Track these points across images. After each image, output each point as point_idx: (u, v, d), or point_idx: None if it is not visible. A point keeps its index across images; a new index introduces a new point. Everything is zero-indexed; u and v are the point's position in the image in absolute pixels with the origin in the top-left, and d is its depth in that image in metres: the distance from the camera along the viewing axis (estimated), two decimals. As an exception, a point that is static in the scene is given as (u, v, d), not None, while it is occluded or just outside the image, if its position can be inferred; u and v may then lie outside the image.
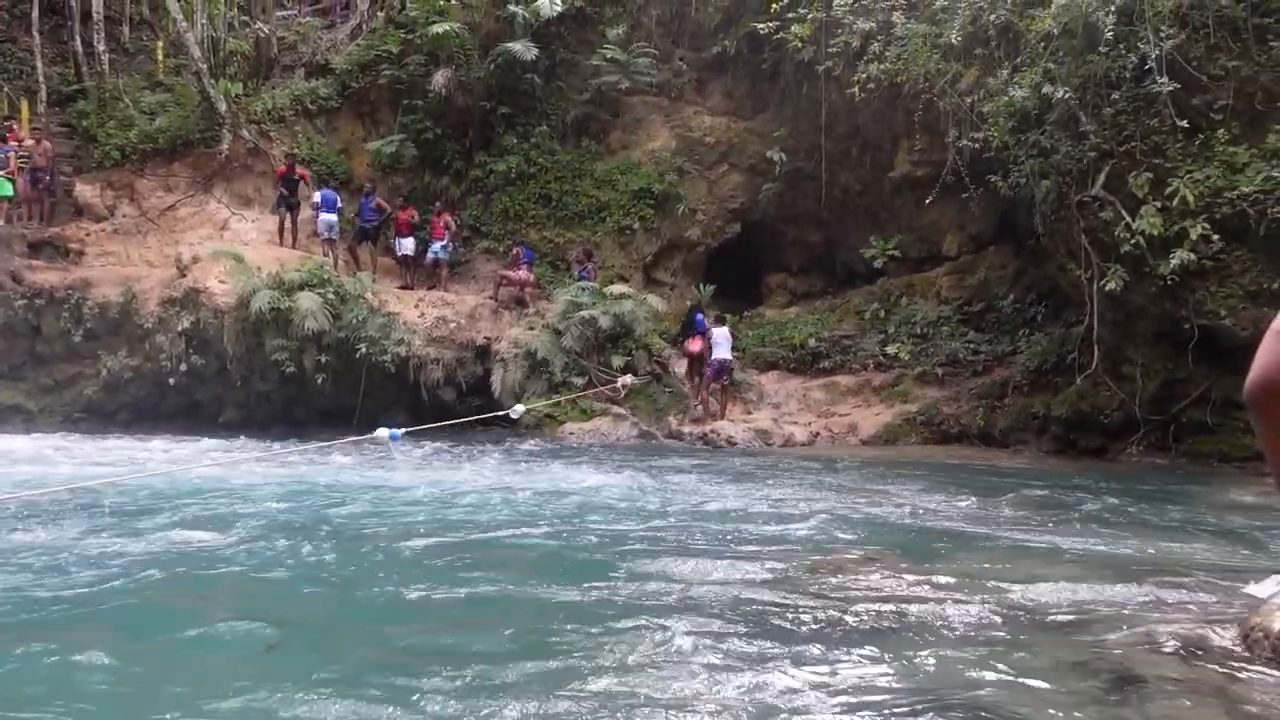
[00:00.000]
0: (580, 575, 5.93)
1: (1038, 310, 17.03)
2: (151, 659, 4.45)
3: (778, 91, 20.29)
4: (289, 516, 8.16)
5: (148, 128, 19.53)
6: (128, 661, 4.28)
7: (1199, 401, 13.06)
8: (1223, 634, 4.21)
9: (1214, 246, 12.05)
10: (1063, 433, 14.53)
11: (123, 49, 22.39)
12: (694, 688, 3.88)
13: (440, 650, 4.52)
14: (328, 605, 5.55)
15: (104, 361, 17.11)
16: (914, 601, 5.21)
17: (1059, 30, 13.08)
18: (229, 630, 4.78)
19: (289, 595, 5.69)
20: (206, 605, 5.32)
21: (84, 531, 7.22)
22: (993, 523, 8.16)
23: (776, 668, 4.11)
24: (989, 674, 3.98)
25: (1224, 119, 12.16)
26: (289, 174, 18.35)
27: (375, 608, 5.41)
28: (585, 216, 20.13)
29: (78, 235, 18.65)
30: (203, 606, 5.29)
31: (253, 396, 17.26)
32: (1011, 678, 3.91)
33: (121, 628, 4.88)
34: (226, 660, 4.42)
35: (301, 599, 5.65)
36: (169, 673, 4.26)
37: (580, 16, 20.98)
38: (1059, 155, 13.38)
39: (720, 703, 3.70)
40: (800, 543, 7.24)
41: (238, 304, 16.14)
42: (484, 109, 20.48)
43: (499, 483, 10.56)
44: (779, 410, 16.93)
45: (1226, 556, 6.66)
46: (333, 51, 21.68)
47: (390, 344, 16.38)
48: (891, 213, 19.98)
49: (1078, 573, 5.97)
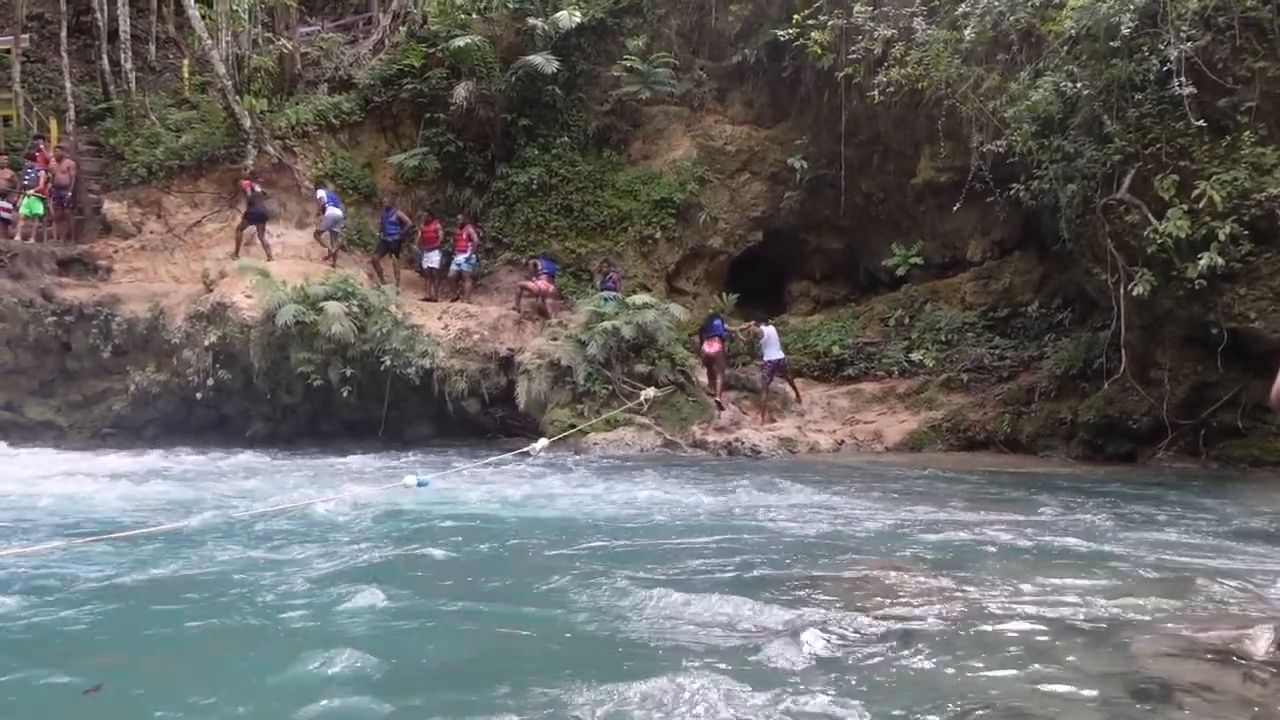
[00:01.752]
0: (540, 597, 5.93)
1: (1064, 315, 16.90)
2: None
3: (798, 99, 20.26)
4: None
5: (174, 145, 19.74)
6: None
7: (1229, 405, 12.90)
8: (1257, 641, 4.15)
9: (1242, 249, 11.92)
10: (1091, 438, 14.39)
11: (149, 67, 22.70)
12: (718, 692, 3.86)
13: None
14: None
15: (132, 377, 17.28)
16: (941, 609, 5.17)
17: (1080, 33, 13.00)
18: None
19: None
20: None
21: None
22: (1021, 530, 8.09)
23: (802, 672, 4.10)
24: (1017, 682, 3.94)
25: (1250, 120, 12.03)
26: (251, 188, 18.45)
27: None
28: (607, 227, 20.18)
29: (106, 252, 18.88)
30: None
31: (279, 410, 17.39)
32: (1041, 685, 3.87)
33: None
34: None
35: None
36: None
37: (600, 28, 21.06)
38: (1083, 159, 13.28)
39: (726, 693, 3.69)
40: (829, 551, 7.20)
41: (264, 318, 16.27)
42: (505, 121, 20.58)
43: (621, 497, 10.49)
44: (803, 419, 16.87)
45: (1259, 561, 6.57)
46: (355, 66, 21.86)
47: (415, 356, 16.46)
48: (914, 219, 19.90)
49: (1108, 579, 5.92)
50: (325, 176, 20.08)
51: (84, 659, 4.72)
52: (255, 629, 5.18)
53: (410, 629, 5.12)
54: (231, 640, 5.02)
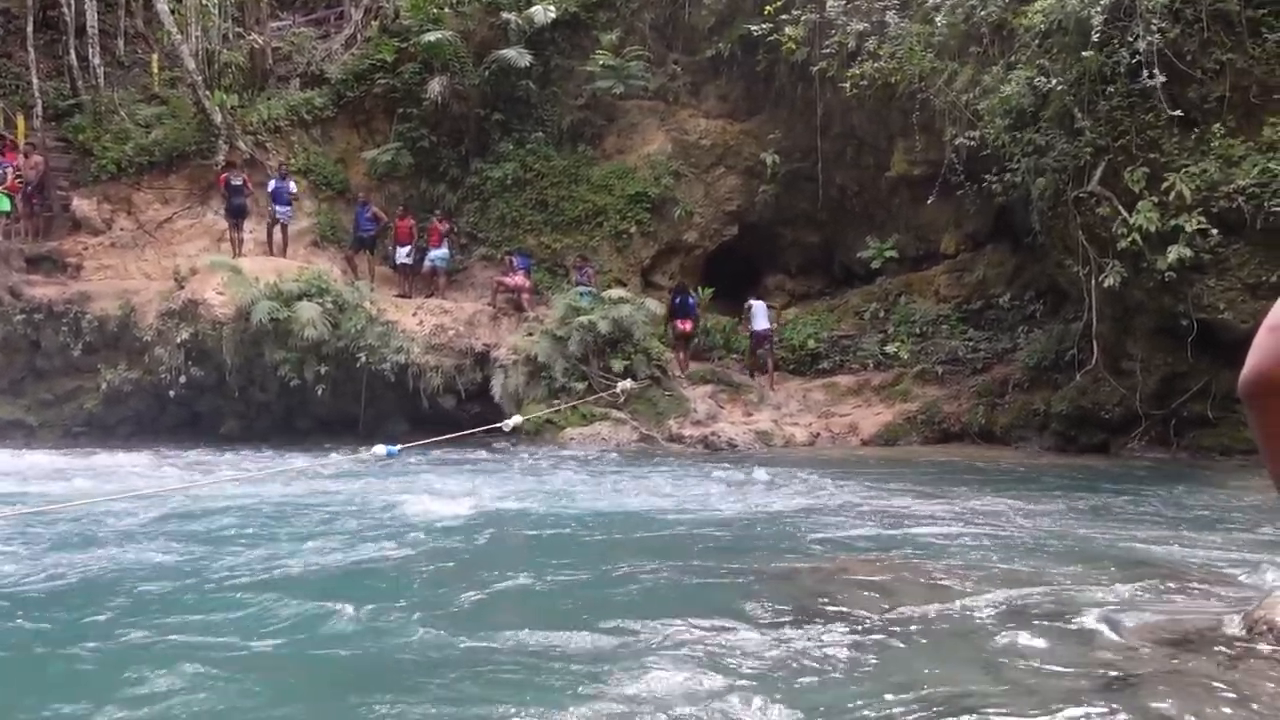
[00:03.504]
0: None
1: (1036, 307, 17.04)
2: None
3: (772, 93, 20.29)
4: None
5: (144, 140, 19.53)
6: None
7: (1199, 395, 13.04)
8: (1227, 627, 4.20)
9: (1211, 240, 12.04)
10: (1064, 429, 14.52)
11: (118, 62, 22.41)
12: (672, 688, 3.86)
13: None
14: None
15: (103, 375, 17.11)
16: (914, 600, 5.19)
17: (1050, 27, 13.08)
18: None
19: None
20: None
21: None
22: (994, 520, 8.15)
23: (769, 666, 4.11)
24: (989, 670, 3.97)
25: (1219, 113, 12.15)
26: (229, 181, 18.03)
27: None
28: (582, 221, 20.15)
29: (76, 249, 18.67)
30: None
31: (253, 407, 17.26)
32: (1010, 673, 3.90)
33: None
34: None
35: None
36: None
37: (574, 22, 21.01)
38: (1054, 152, 13.38)
39: (704, 698, 3.69)
40: (803, 545, 7.23)
41: (236, 315, 16.14)
42: (479, 116, 20.50)
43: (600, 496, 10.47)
44: (779, 411, 16.92)
45: (1228, 549, 6.65)
46: (327, 61, 21.71)
47: (389, 352, 16.38)
48: (888, 212, 19.98)
49: (1080, 568, 5.97)
50: (298, 172, 19.92)
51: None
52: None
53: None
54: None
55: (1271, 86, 11.77)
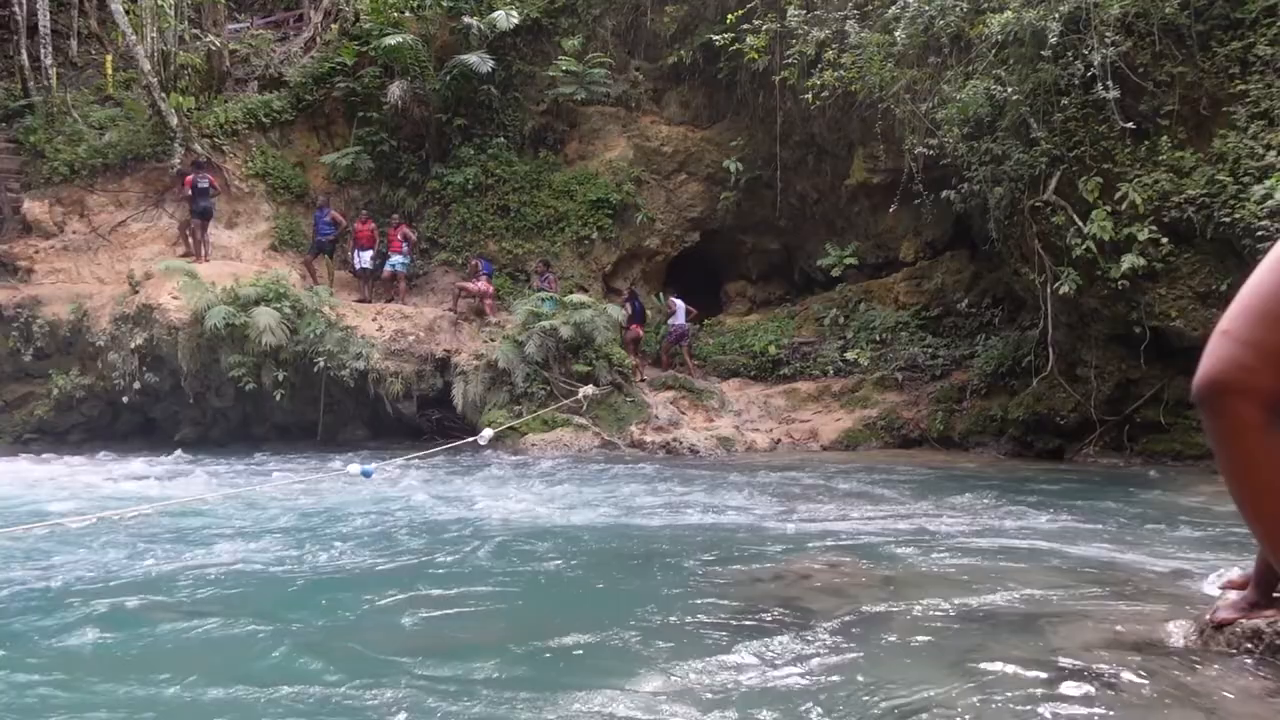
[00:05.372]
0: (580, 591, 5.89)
1: (994, 314, 17.25)
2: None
3: (734, 101, 20.41)
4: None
5: (97, 143, 19.23)
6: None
7: (1152, 401, 13.27)
8: (1177, 631, 4.26)
9: (1163, 249, 12.26)
10: (1020, 435, 14.71)
11: (71, 63, 22.08)
12: (649, 687, 3.87)
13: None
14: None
15: (55, 381, 16.83)
16: (869, 604, 5.23)
17: (1007, 38, 13.26)
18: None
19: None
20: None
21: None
22: (949, 524, 8.23)
23: (729, 670, 4.12)
24: (940, 674, 4.00)
25: (1170, 124, 12.38)
26: (195, 182, 17.75)
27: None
28: (544, 227, 20.13)
29: (26, 252, 18.33)
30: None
31: (209, 413, 17.05)
32: (961, 678, 3.93)
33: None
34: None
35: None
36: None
37: (536, 28, 21.01)
38: (1011, 162, 13.56)
39: (672, 696, 3.69)
40: (764, 551, 7.25)
41: (192, 320, 15.94)
42: (440, 121, 20.42)
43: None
44: (740, 418, 16.98)
45: (1178, 553, 6.75)
46: (286, 64, 21.52)
47: (349, 358, 16.25)
48: (848, 220, 20.15)
49: (1031, 573, 6.03)
50: (256, 176, 19.74)
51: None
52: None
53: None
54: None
55: (1221, 99, 12.01)
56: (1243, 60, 11.87)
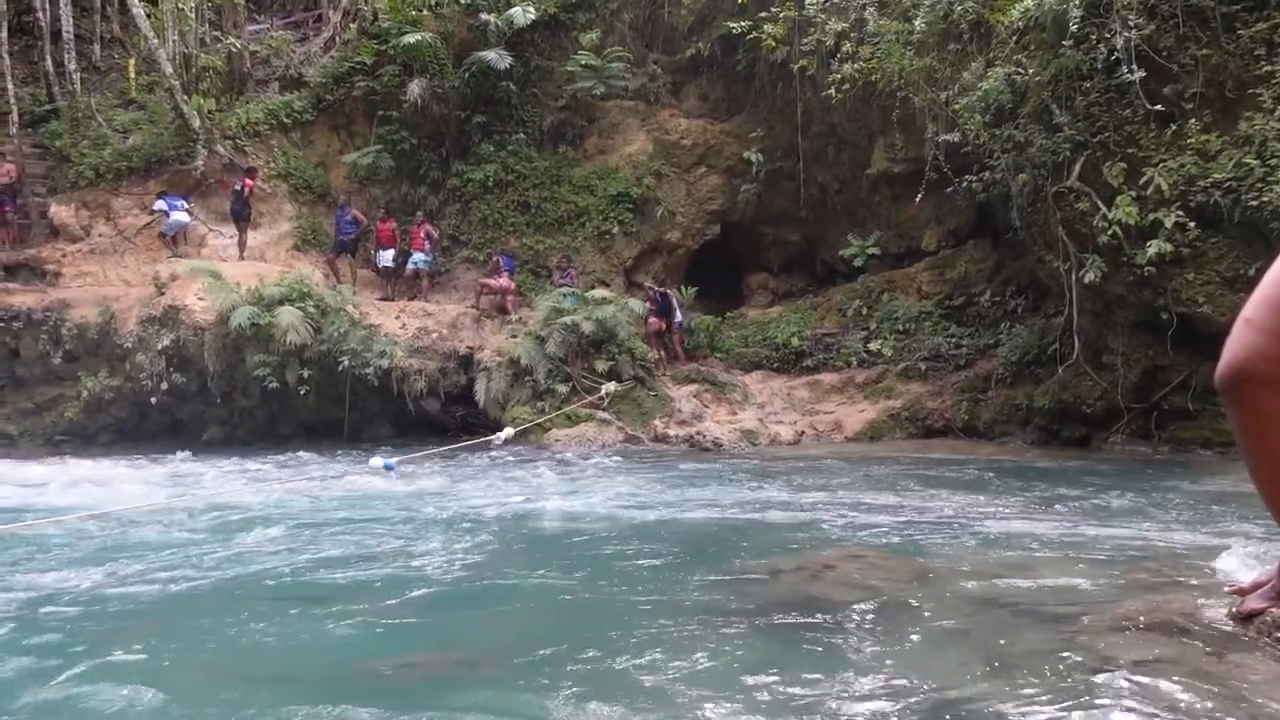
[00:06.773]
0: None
1: (1018, 303, 17.13)
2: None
3: (753, 92, 20.35)
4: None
5: (121, 146, 19.42)
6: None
7: (1180, 388, 13.14)
8: (1208, 614, 4.23)
9: (1190, 235, 12.13)
10: (1046, 424, 14.60)
11: (94, 68, 22.29)
12: (652, 691, 3.87)
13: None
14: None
15: (84, 383, 16.99)
16: (894, 595, 5.21)
17: (1028, 24, 13.16)
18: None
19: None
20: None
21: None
22: (975, 514, 8.19)
23: (752, 665, 4.12)
24: (967, 664, 3.98)
25: (1195, 108, 12.24)
26: (243, 189, 18.21)
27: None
28: (564, 222, 20.16)
29: (54, 256, 18.54)
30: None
31: (236, 413, 17.17)
32: (991, 667, 3.91)
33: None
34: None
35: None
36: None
37: (553, 23, 21.02)
38: (1034, 148, 13.45)
39: (685, 701, 3.70)
40: (787, 542, 7.24)
41: (217, 320, 16.06)
42: (460, 118, 20.47)
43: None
44: (764, 410, 16.95)
45: (1209, 539, 6.69)
46: (306, 64, 21.64)
47: (373, 356, 16.33)
48: (870, 210, 20.06)
49: (1060, 561, 6.00)
50: (278, 176, 19.86)
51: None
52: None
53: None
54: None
55: (1246, 81, 11.86)
56: (1268, 42, 11.73)
